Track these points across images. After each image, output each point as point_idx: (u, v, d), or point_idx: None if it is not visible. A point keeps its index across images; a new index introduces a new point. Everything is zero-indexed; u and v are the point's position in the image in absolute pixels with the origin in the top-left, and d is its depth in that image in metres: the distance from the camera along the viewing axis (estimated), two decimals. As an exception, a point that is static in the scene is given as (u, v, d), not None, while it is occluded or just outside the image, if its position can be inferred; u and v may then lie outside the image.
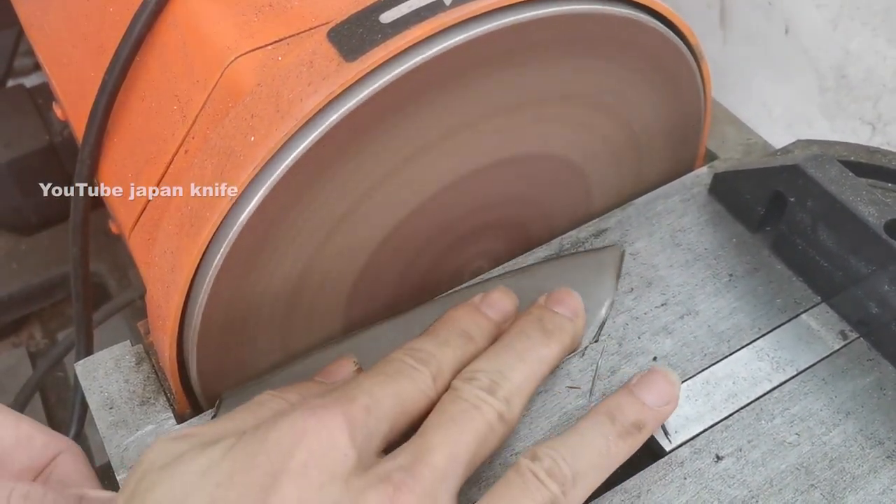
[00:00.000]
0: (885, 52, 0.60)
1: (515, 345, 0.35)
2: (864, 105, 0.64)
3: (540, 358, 0.36)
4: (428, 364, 0.34)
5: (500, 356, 0.35)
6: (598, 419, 0.34)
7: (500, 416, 0.33)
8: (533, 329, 0.36)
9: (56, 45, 0.48)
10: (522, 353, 0.35)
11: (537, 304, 0.38)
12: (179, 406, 0.39)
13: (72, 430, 0.53)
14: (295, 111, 0.32)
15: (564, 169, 0.44)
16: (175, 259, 0.35)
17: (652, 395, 0.35)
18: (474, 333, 0.36)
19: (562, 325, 0.37)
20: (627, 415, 0.34)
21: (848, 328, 0.41)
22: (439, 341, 0.35)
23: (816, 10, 0.63)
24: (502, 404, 0.33)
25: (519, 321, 0.37)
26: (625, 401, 0.35)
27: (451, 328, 0.36)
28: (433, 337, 0.35)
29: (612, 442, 0.33)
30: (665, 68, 0.42)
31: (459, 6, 0.33)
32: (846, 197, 0.39)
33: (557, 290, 0.39)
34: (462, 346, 0.35)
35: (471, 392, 0.33)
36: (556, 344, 0.37)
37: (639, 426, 0.34)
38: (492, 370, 0.34)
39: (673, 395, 0.36)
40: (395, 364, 0.34)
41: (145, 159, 0.40)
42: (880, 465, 0.36)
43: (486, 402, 0.32)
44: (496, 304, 0.38)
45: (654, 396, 0.35)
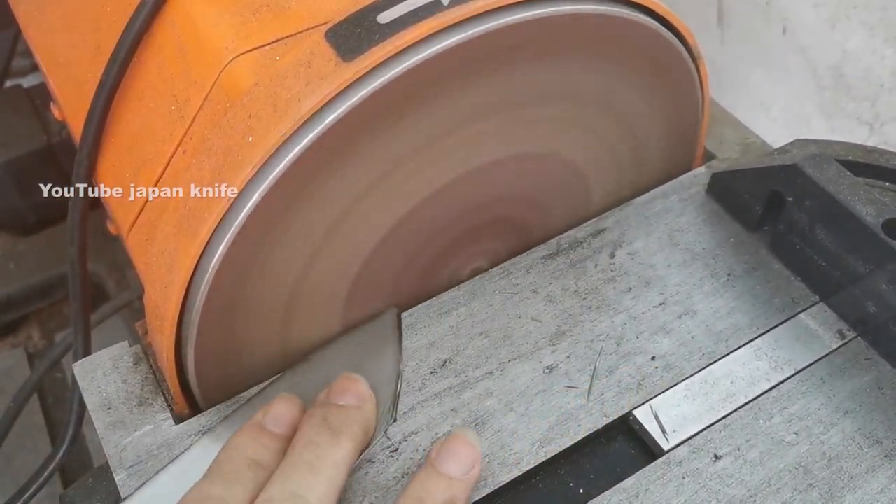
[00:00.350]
0: (883, 52, 0.60)
1: (305, 457, 0.33)
2: (861, 104, 0.64)
3: (334, 463, 0.33)
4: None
5: (292, 476, 0.32)
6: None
7: None
8: (318, 433, 0.34)
9: (54, 45, 0.48)
10: (314, 464, 0.32)
11: (319, 402, 0.36)
12: (177, 406, 0.39)
13: (69, 431, 0.52)
14: (293, 111, 0.32)
15: (562, 168, 0.44)
16: (173, 259, 0.35)
17: (455, 465, 0.34)
18: (262, 458, 0.33)
19: (349, 418, 0.35)
20: (436, 496, 0.33)
21: (846, 327, 0.41)
22: (226, 481, 0.32)
23: (814, 9, 0.63)
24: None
25: (303, 427, 0.34)
26: (430, 482, 0.33)
27: (238, 460, 0.33)
28: (219, 477, 0.33)
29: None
30: (663, 68, 0.42)
31: (457, 6, 0.33)
32: (844, 196, 0.39)
33: (337, 379, 0.37)
34: (252, 478, 0.32)
35: None
36: (348, 440, 0.34)
37: (452, 502, 0.33)
38: (287, 495, 0.31)
39: (476, 456, 0.35)
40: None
41: (143, 159, 0.40)
42: (878, 465, 0.36)
43: None
44: (280, 418, 0.35)
45: (457, 466, 0.34)
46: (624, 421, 0.38)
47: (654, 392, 0.39)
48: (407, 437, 0.37)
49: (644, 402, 0.38)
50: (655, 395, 0.38)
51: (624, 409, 0.38)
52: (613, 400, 0.38)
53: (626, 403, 0.38)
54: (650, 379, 0.39)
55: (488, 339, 0.41)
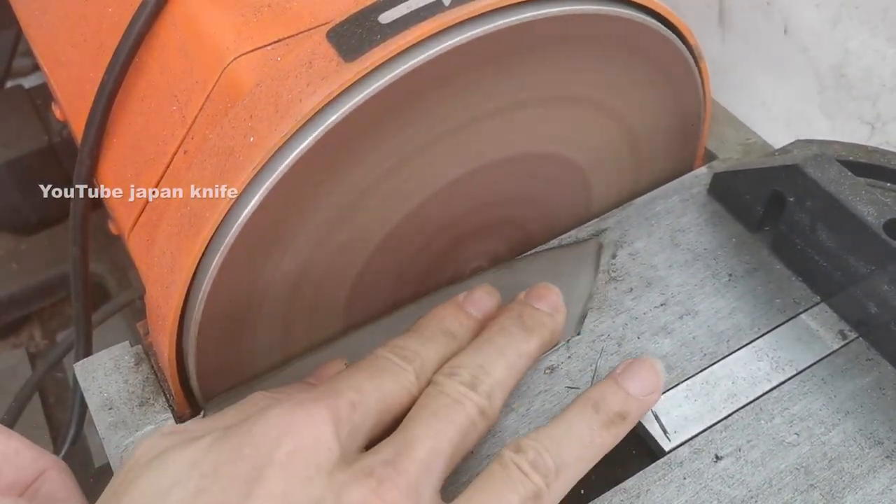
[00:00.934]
0: (885, 52, 0.60)
1: (496, 340, 0.36)
2: (863, 104, 0.64)
3: (520, 353, 0.36)
4: (412, 362, 0.34)
5: (481, 352, 0.35)
6: (582, 408, 0.35)
7: (482, 411, 0.33)
8: (513, 325, 0.37)
9: (55, 45, 0.48)
10: (503, 349, 0.35)
11: (517, 301, 0.39)
12: (179, 407, 0.39)
13: (71, 431, 0.52)
14: (294, 111, 0.32)
15: (564, 169, 0.44)
16: (174, 259, 0.35)
17: (636, 384, 0.36)
18: (457, 332, 0.37)
19: (541, 320, 0.38)
20: (611, 405, 0.35)
21: (847, 328, 0.41)
22: (423, 339, 0.36)
23: (815, 9, 0.63)
24: (483, 399, 0.33)
25: (499, 317, 0.37)
26: (609, 390, 0.35)
27: (435, 326, 0.37)
28: (417, 335, 0.36)
29: (595, 432, 0.34)
30: (664, 68, 0.42)
31: (458, 6, 0.33)
32: (845, 196, 0.39)
33: (537, 285, 0.39)
34: (445, 343, 0.36)
35: (453, 387, 0.33)
36: (536, 339, 0.37)
37: (623, 416, 0.35)
38: (473, 365, 0.34)
39: (657, 384, 0.36)
40: (381, 361, 0.34)
41: (144, 159, 0.40)
42: (879, 465, 0.36)
43: (468, 397, 0.33)
44: (479, 303, 0.38)
45: (638, 386, 0.36)
46: (625, 421, 0.38)
47: (656, 392, 0.39)
48: (408, 437, 0.37)
49: (645, 403, 0.38)
50: (656, 396, 0.38)
51: (625, 409, 0.38)
52: (614, 400, 0.38)
53: (628, 404, 0.38)
54: (651, 379, 0.39)
55: (489, 340, 0.41)
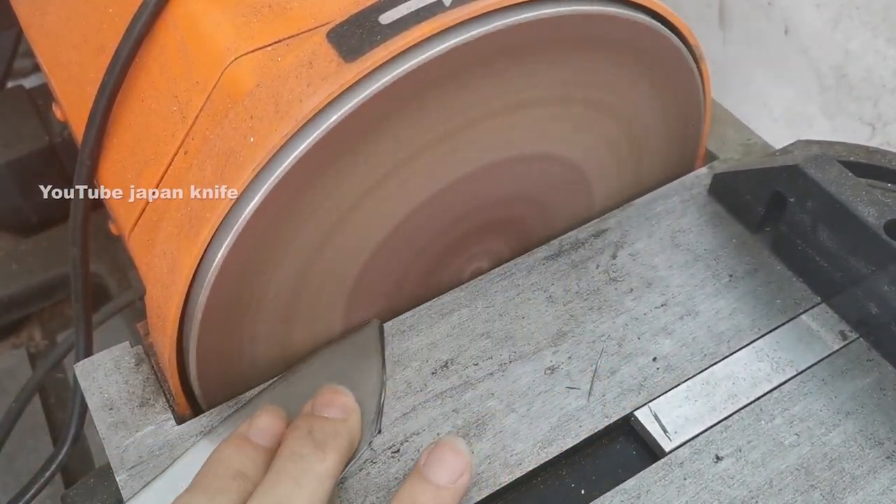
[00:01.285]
0: (885, 52, 0.60)
1: (289, 470, 0.32)
2: (864, 105, 0.64)
3: (318, 476, 0.32)
4: None
5: (276, 487, 0.32)
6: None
7: None
8: (303, 446, 0.33)
9: (55, 45, 0.48)
10: (298, 478, 0.32)
11: (304, 415, 0.36)
12: (179, 407, 0.39)
13: (71, 432, 0.52)
14: (294, 112, 0.32)
15: (564, 169, 0.44)
16: (174, 260, 0.35)
17: (444, 473, 0.34)
18: (248, 470, 0.33)
19: (334, 429, 0.34)
20: (425, 503, 0.33)
21: (848, 328, 0.41)
22: (211, 492, 0.32)
23: (816, 9, 0.63)
24: None
25: (287, 439, 0.34)
26: (418, 489, 0.33)
27: (223, 472, 0.33)
28: (202, 490, 0.32)
29: None
30: (665, 69, 0.42)
31: (459, 7, 0.33)
32: (846, 197, 0.39)
33: (320, 391, 0.36)
34: (237, 489, 0.32)
35: None
36: (332, 453, 0.33)
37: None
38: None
39: (465, 465, 0.34)
40: None
41: (145, 160, 0.40)
42: (880, 466, 0.36)
43: None
44: (265, 430, 0.35)
45: (446, 474, 0.34)
46: (625, 422, 0.38)
47: (656, 393, 0.39)
48: (408, 437, 0.37)
49: (645, 403, 0.38)
50: (657, 396, 0.38)
51: (625, 410, 0.38)
52: (615, 401, 0.38)
53: (628, 404, 0.38)
54: (652, 380, 0.39)
55: (490, 340, 0.41)
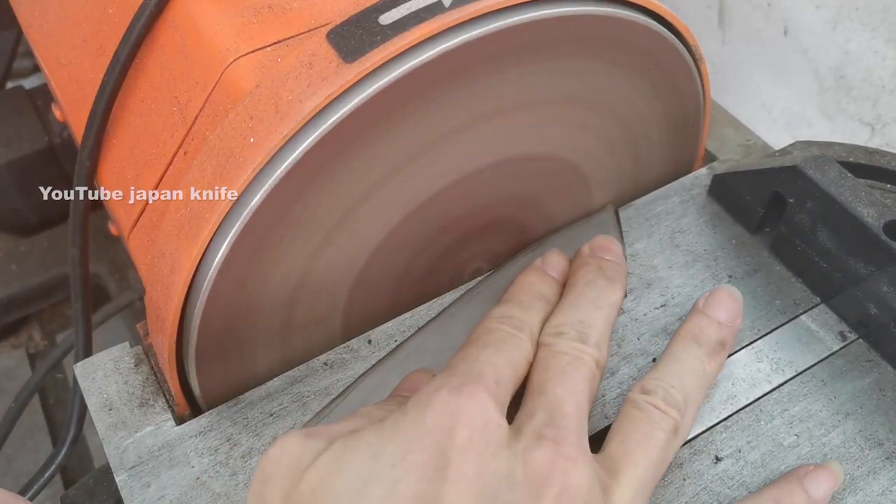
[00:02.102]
0: (885, 53, 0.60)
1: (588, 294, 0.37)
2: (863, 106, 0.64)
3: (611, 303, 0.37)
4: (523, 329, 0.35)
5: (578, 308, 0.37)
6: (686, 344, 0.37)
7: (597, 362, 0.35)
8: (597, 277, 0.38)
9: (55, 46, 0.48)
10: (597, 301, 0.37)
11: (585, 255, 0.40)
12: (179, 408, 0.39)
13: (71, 432, 0.52)
14: (294, 112, 0.32)
15: (564, 170, 0.44)
16: (174, 260, 0.35)
17: (723, 312, 0.38)
18: (548, 294, 0.38)
19: (618, 270, 0.39)
20: (710, 335, 0.37)
21: (847, 329, 0.41)
22: (524, 307, 0.37)
23: (815, 10, 0.63)
24: (595, 350, 0.35)
25: (581, 272, 0.39)
26: (704, 323, 0.38)
27: (530, 292, 0.38)
28: (517, 303, 0.37)
29: (705, 362, 0.36)
30: (664, 69, 0.42)
31: (459, 8, 0.33)
32: (845, 198, 0.39)
33: (597, 238, 0.41)
34: (543, 307, 0.37)
35: (567, 345, 0.35)
36: (620, 288, 0.38)
37: (722, 343, 0.37)
38: (575, 322, 0.36)
39: (740, 309, 0.38)
40: (498, 334, 0.35)
41: (144, 160, 0.40)
42: (879, 467, 0.36)
43: (584, 352, 0.34)
44: (557, 266, 0.40)
45: (725, 313, 0.38)
46: (625, 422, 0.38)
47: (656, 394, 0.39)
48: (408, 438, 0.37)
49: (645, 404, 0.38)
50: (656, 397, 0.38)
51: (625, 410, 0.38)
52: (614, 401, 0.38)
53: (628, 405, 0.38)
54: (651, 380, 0.39)
55: (489, 341, 0.41)
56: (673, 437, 0.33)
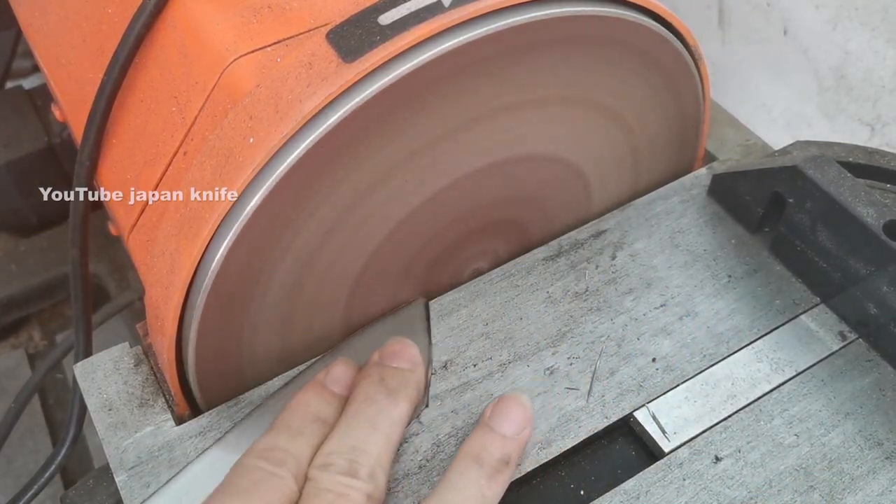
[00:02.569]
0: (885, 53, 0.60)
1: (364, 412, 0.34)
2: (863, 106, 0.64)
3: (392, 421, 0.34)
4: (285, 464, 0.32)
5: (352, 430, 0.34)
6: (467, 467, 0.34)
7: (369, 496, 0.32)
8: (377, 391, 0.35)
9: (55, 46, 0.48)
10: (374, 420, 0.34)
11: (373, 363, 0.37)
12: (178, 408, 0.39)
13: (70, 432, 0.52)
14: (294, 112, 0.32)
15: (564, 170, 0.44)
16: (174, 260, 0.35)
17: (509, 425, 0.35)
18: (325, 414, 0.35)
19: (404, 379, 0.36)
20: (493, 453, 0.34)
21: (847, 329, 0.41)
22: (291, 433, 0.34)
23: (815, 10, 0.63)
24: (367, 483, 0.32)
25: (360, 386, 0.36)
26: (487, 439, 0.35)
27: (302, 415, 0.35)
28: (285, 430, 0.34)
29: (484, 486, 0.33)
30: (663, 69, 0.42)
31: (458, 8, 0.33)
32: (845, 198, 0.39)
33: (389, 343, 0.38)
34: (315, 432, 0.34)
35: (332, 480, 0.32)
36: (404, 401, 0.35)
37: (505, 461, 0.34)
38: (346, 449, 0.33)
39: (527, 418, 0.36)
40: (253, 474, 0.32)
41: (144, 161, 0.40)
42: (879, 466, 0.36)
43: (352, 487, 0.32)
44: (341, 378, 0.37)
45: (511, 426, 0.35)
46: (625, 422, 0.38)
47: (655, 394, 0.39)
48: (407, 438, 0.37)
49: (645, 404, 0.38)
50: (656, 397, 0.38)
51: (625, 410, 0.38)
52: (614, 401, 0.38)
53: (627, 405, 0.38)
54: (651, 380, 0.39)
55: (489, 341, 0.41)
56: None
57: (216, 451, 0.37)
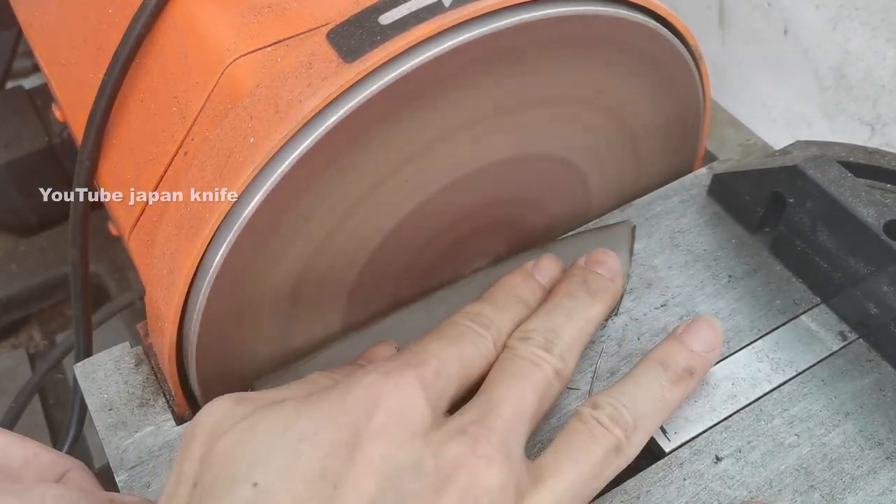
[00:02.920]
0: (885, 53, 0.60)
1: (565, 305, 0.37)
2: (863, 105, 0.64)
3: (587, 317, 0.37)
4: (489, 329, 0.35)
5: (552, 316, 0.36)
6: (651, 367, 0.36)
7: (557, 372, 0.34)
8: (579, 290, 0.38)
9: (55, 46, 0.48)
10: (571, 313, 0.37)
11: (579, 266, 0.40)
12: (179, 408, 0.39)
13: (71, 432, 0.52)
14: (294, 112, 0.32)
15: (564, 169, 0.44)
16: (174, 260, 0.35)
17: (698, 341, 0.37)
18: (528, 299, 0.38)
19: (605, 285, 0.39)
20: (679, 361, 0.36)
21: (847, 329, 0.41)
22: (497, 307, 0.37)
23: (816, 10, 0.63)
24: (558, 360, 0.34)
25: (565, 282, 0.38)
26: (675, 349, 0.36)
27: (508, 294, 0.38)
28: (492, 302, 0.37)
29: (666, 388, 0.35)
30: (664, 69, 0.42)
31: (459, 7, 0.33)
32: (845, 198, 0.39)
33: (595, 251, 0.40)
34: (518, 311, 0.37)
35: (528, 350, 0.34)
36: (601, 304, 0.38)
37: (690, 371, 0.36)
38: (545, 329, 0.35)
39: (718, 341, 0.37)
40: (459, 328, 0.35)
41: (144, 161, 0.40)
42: (880, 466, 0.36)
43: (544, 359, 0.34)
44: (547, 272, 0.40)
45: (700, 343, 0.37)
46: (625, 422, 0.38)
47: (656, 393, 0.39)
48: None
49: (645, 404, 0.38)
50: (657, 397, 0.38)
51: (625, 410, 0.38)
52: (614, 401, 0.38)
53: (628, 405, 0.38)
54: (651, 380, 0.39)
55: (489, 341, 0.41)
56: (613, 455, 0.32)
57: None
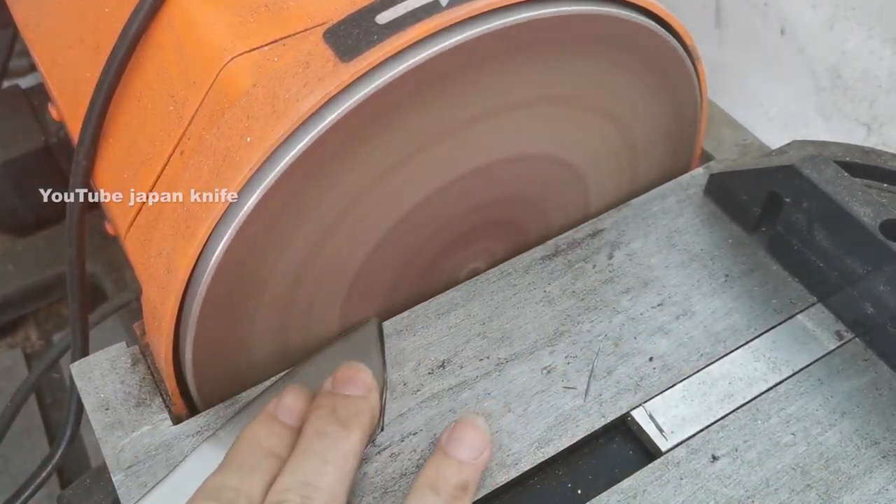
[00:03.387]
0: (881, 53, 0.60)
1: (316, 448, 0.33)
2: (859, 105, 0.64)
3: (344, 453, 0.34)
4: (236, 502, 0.32)
5: (304, 464, 0.33)
6: (423, 494, 0.33)
7: None
8: (328, 424, 0.34)
9: (51, 45, 0.48)
10: (325, 455, 0.33)
11: (326, 393, 0.36)
12: (175, 407, 0.39)
13: (67, 432, 0.52)
14: (291, 112, 0.32)
15: (561, 169, 0.44)
16: (171, 260, 0.35)
17: (466, 449, 0.35)
18: (277, 448, 0.34)
19: (356, 407, 0.35)
20: (449, 479, 0.34)
21: (843, 328, 0.41)
22: (244, 471, 0.33)
23: (812, 10, 0.63)
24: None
25: (312, 418, 0.35)
26: (443, 466, 0.34)
27: (253, 450, 0.34)
28: (237, 467, 0.33)
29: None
30: (661, 69, 0.43)
31: (456, 7, 0.33)
32: (842, 197, 0.39)
33: (341, 368, 0.37)
34: (269, 467, 0.33)
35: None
36: (357, 430, 0.34)
37: (463, 487, 0.34)
38: (299, 485, 0.32)
39: (485, 441, 0.35)
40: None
41: (141, 160, 0.40)
42: (876, 465, 0.36)
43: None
44: (291, 409, 0.36)
45: (468, 451, 0.35)
46: (622, 422, 0.38)
47: (652, 393, 0.39)
48: (405, 437, 0.37)
49: (642, 403, 0.38)
50: (653, 396, 0.38)
51: (622, 409, 0.38)
52: (611, 401, 0.38)
53: (624, 404, 0.38)
54: (648, 380, 0.39)
55: (486, 340, 0.41)
56: None
57: (207, 447, 0.37)
